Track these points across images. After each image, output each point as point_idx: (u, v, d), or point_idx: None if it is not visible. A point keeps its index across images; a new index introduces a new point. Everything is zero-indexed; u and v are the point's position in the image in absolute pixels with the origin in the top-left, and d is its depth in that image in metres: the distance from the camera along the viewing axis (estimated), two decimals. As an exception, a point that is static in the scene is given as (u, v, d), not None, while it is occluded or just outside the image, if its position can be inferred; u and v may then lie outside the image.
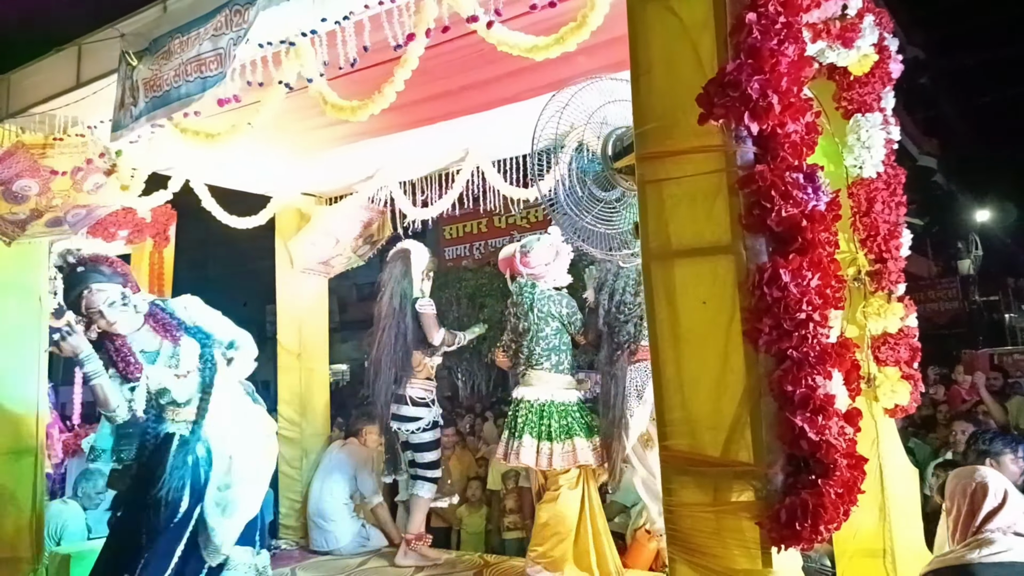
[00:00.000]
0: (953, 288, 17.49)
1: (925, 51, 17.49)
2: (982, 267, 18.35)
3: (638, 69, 2.24)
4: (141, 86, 3.22)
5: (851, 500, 1.93)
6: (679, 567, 2.07)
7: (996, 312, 19.50)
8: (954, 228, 18.86)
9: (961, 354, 10.26)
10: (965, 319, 17.27)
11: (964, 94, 19.53)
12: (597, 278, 3.85)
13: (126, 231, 6.06)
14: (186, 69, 3.05)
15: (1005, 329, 19.19)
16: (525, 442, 3.88)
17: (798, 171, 2.01)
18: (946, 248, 19.01)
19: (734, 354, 2.01)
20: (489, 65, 3.95)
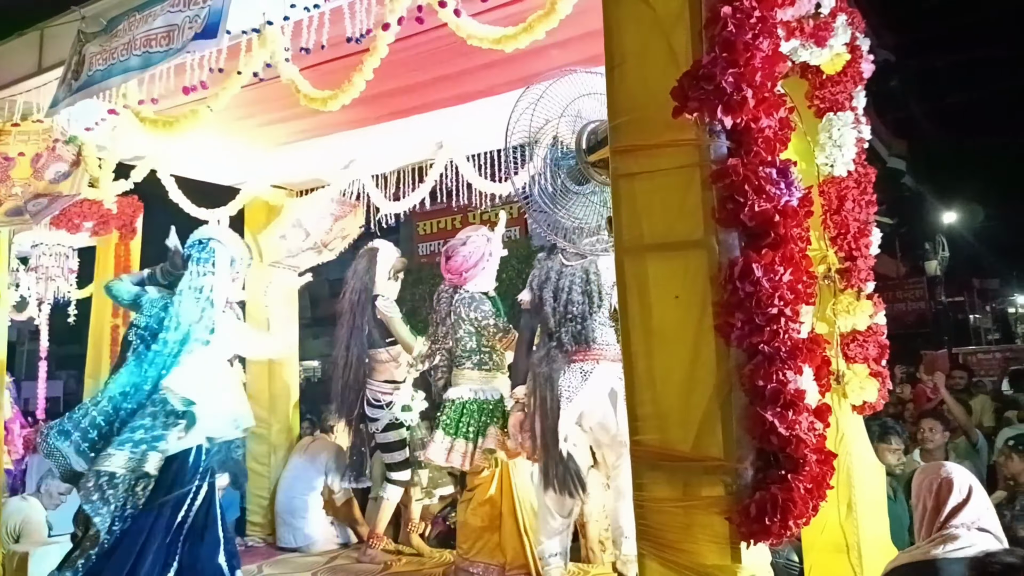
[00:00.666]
0: (920, 288, 17.81)
1: (895, 54, 17.75)
2: (949, 268, 18.69)
3: (612, 61, 2.22)
4: (86, 60, 3.12)
5: (820, 495, 1.93)
6: (648, 563, 2.06)
7: (961, 312, 19.91)
8: (922, 229, 19.20)
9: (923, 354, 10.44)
10: (931, 319, 17.59)
11: (933, 97, 19.88)
12: (537, 277, 3.74)
13: (91, 223, 5.93)
14: (134, 44, 2.94)
15: (970, 329, 19.61)
16: (436, 438, 3.91)
17: (771, 166, 2.00)
18: (914, 249, 19.34)
19: (705, 349, 2.00)
20: (462, 57, 3.92)
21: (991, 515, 2.51)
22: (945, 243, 18.31)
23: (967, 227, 20.05)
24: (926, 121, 20.12)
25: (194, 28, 2.91)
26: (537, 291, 3.69)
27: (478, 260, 4.08)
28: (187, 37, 2.84)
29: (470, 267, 4.08)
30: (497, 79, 4.22)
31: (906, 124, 19.64)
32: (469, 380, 4.00)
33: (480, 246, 4.11)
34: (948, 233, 19.16)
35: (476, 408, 3.92)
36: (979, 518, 2.46)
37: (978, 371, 9.32)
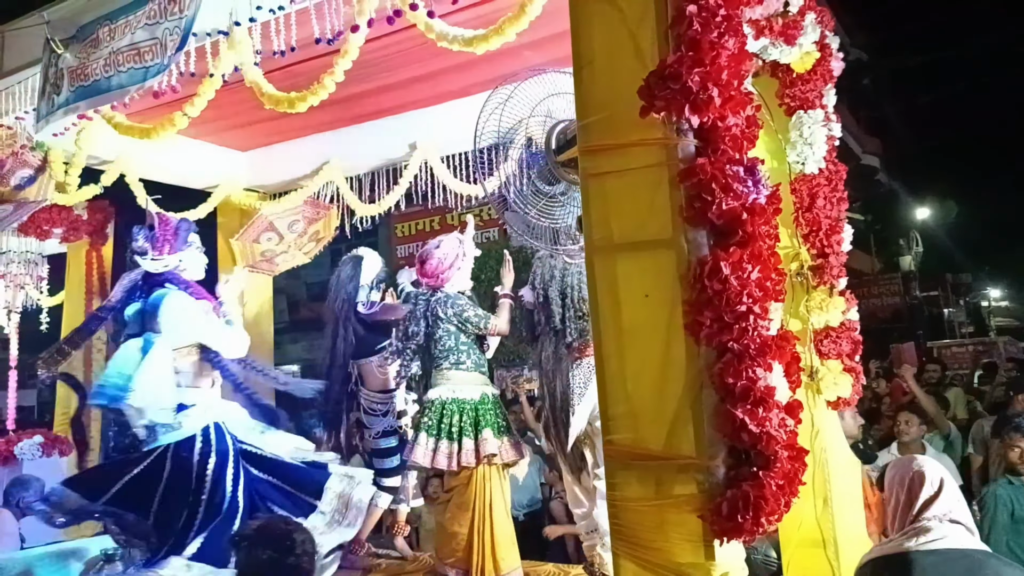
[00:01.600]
0: (895, 284, 18.02)
1: (868, 52, 17.96)
2: (922, 263, 18.94)
3: (580, 61, 2.22)
4: (66, 74, 3.08)
5: (792, 492, 1.94)
6: (623, 562, 2.06)
7: (935, 307, 20.15)
8: (896, 225, 19.43)
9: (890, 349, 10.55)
10: (906, 314, 17.79)
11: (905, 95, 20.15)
12: (540, 276, 3.80)
13: (60, 229, 5.83)
14: (118, 59, 2.92)
15: (944, 323, 19.85)
16: (420, 440, 3.87)
17: (739, 164, 2.01)
18: (888, 245, 19.58)
19: (676, 347, 2.00)
20: (436, 58, 3.90)
21: (962, 507, 2.53)
22: (919, 239, 18.56)
23: (940, 223, 20.34)
24: (899, 119, 20.39)
25: (175, 42, 2.88)
26: (541, 289, 3.76)
27: (452, 262, 4.08)
28: (171, 52, 2.82)
29: (445, 269, 4.07)
30: (471, 80, 4.21)
31: (879, 122, 19.88)
32: (448, 380, 3.98)
33: (453, 248, 4.11)
34: (922, 229, 19.43)
35: (456, 408, 3.90)
36: (951, 510, 2.48)
37: (952, 364, 9.43)
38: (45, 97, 3.17)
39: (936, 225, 20.16)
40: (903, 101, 20.19)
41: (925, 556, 2.30)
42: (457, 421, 3.86)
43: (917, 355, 9.49)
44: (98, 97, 3.02)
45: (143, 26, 2.93)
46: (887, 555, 2.45)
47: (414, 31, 3.22)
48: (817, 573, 3.31)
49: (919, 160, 20.80)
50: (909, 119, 20.41)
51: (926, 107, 20.15)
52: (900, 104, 20.18)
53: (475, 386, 4.01)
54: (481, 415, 3.91)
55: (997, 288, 25.55)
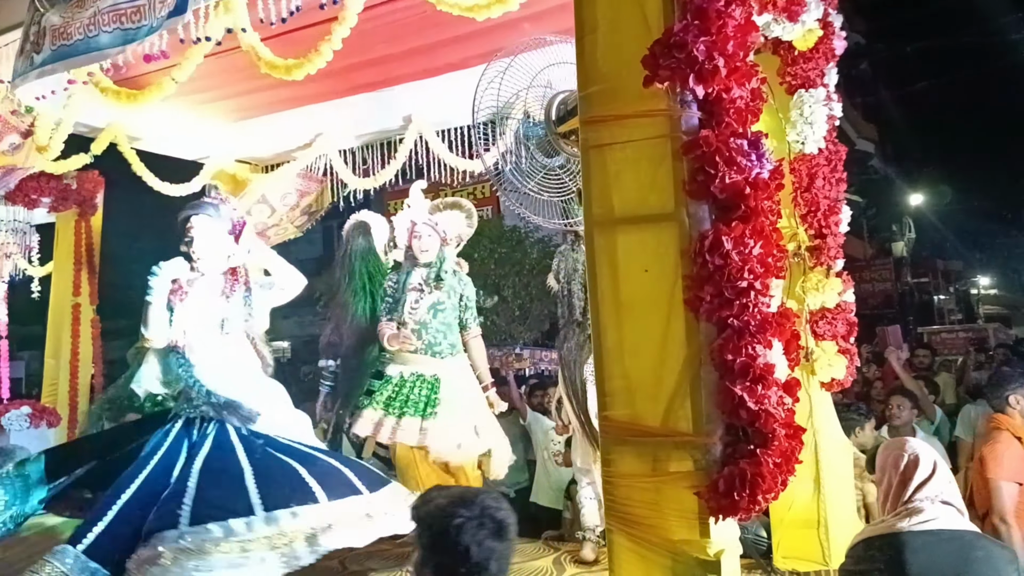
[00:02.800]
0: (887, 269, 18.07)
1: (865, 38, 17.89)
2: (914, 250, 19.00)
3: (583, 29, 2.17)
4: (48, 32, 2.98)
5: (789, 470, 1.93)
6: (616, 538, 2.04)
7: (926, 293, 20.25)
8: (889, 211, 19.46)
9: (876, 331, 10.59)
10: (897, 300, 17.87)
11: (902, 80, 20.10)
12: (564, 269, 3.79)
13: (49, 198, 5.75)
14: (103, 19, 2.83)
15: (934, 309, 19.96)
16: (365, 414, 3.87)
17: (743, 137, 1.97)
18: (881, 230, 19.62)
19: (675, 323, 1.98)
20: (433, 28, 3.83)
21: (953, 489, 2.54)
22: (912, 225, 18.60)
23: (933, 209, 20.38)
24: (895, 104, 20.36)
25: (165, 3, 2.79)
26: (564, 282, 3.77)
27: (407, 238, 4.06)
28: (160, 13, 2.73)
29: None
30: (469, 51, 4.14)
31: (875, 107, 19.86)
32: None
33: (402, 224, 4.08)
34: (915, 215, 19.47)
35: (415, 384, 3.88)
36: (942, 491, 2.49)
37: (942, 350, 9.46)
38: (23, 55, 3.08)
39: (929, 212, 20.21)
40: (899, 87, 20.17)
41: (917, 536, 2.31)
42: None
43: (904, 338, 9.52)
44: (79, 57, 2.92)
45: (130, -14, 2.85)
46: (879, 535, 2.46)
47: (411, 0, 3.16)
48: (808, 553, 3.33)
49: (914, 146, 20.82)
50: (905, 105, 20.39)
51: (922, 93, 20.11)
52: (896, 90, 20.16)
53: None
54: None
55: (987, 276, 25.67)
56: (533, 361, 8.68)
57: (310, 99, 4.91)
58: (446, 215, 4.09)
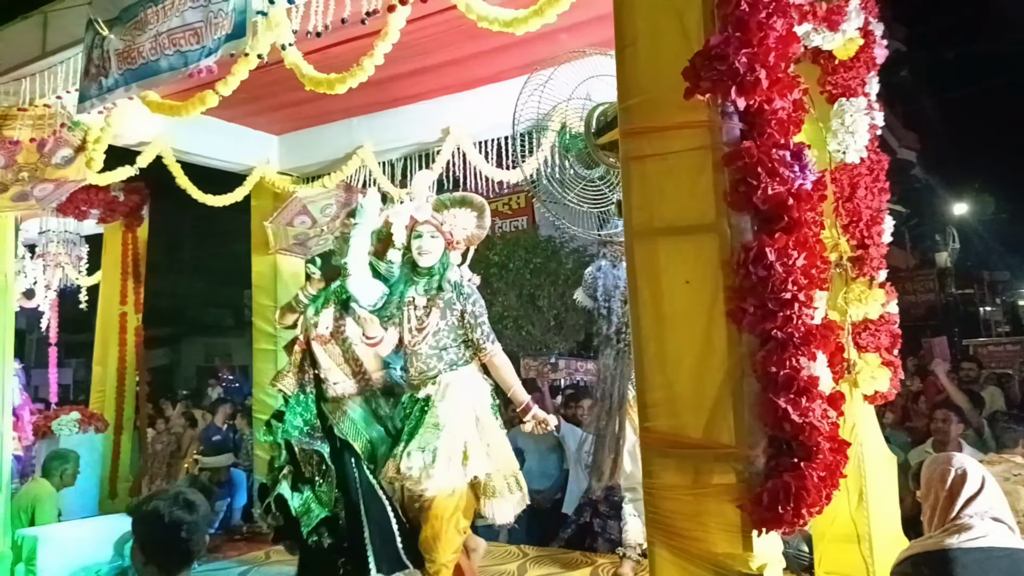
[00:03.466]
0: (930, 280, 17.70)
1: (906, 44, 17.60)
2: (959, 260, 18.57)
3: (623, 41, 2.18)
4: (113, 56, 3.09)
5: (833, 484, 1.90)
6: (658, 550, 2.03)
7: (971, 305, 19.77)
8: (932, 221, 19.08)
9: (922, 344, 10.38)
10: (941, 311, 17.48)
11: (944, 88, 19.74)
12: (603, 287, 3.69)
13: (98, 210, 5.93)
14: (164, 41, 2.92)
15: (980, 321, 19.46)
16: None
17: (785, 148, 1.96)
18: (924, 240, 19.23)
19: (717, 334, 1.97)
20: (471, 41, 3.88)
21: (1003, 505, 2.48)
22: (956, 235, 18.19)
23: (978, 219, 19.91)
24: (937, 112, 19.97)
25: (221, 26, 2.88)
26: (604, 300, 3.68)
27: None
28: (217, 35, 2.82)
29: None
30: (506, 64, 4.18)
31: (917, 115, 19.50)
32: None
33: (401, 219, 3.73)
34: (959, 225, 19.04)
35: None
36: (991, 507, 2.43)
37: (988, 363, 9.23)
38: (90, 78, 3.19)
39: (974, 221, 19.74)
40: (941, 94, 19.79)
41: (967, 553, 2.26)
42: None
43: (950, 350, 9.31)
44: (147, 80, 3.02)
45: (188, 8, 2.93)
46: (927, 551, 2.41)
47: (450, 14, 3.20)
48: (850, 569, 3.27)
49: (957, 154, 20.38)
50: (947, 113, 20.00)
51: (965, 101, 19.73)
52: (938, 97, 19.78)
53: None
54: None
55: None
56: (568, 371, 8.66)
57: (350, 112, 5.01)
58: (453, 213, 3.42)
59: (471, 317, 3.29)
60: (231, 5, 2.78)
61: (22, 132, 3.50)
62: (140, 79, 3.03)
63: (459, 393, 3.22)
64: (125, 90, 3.07)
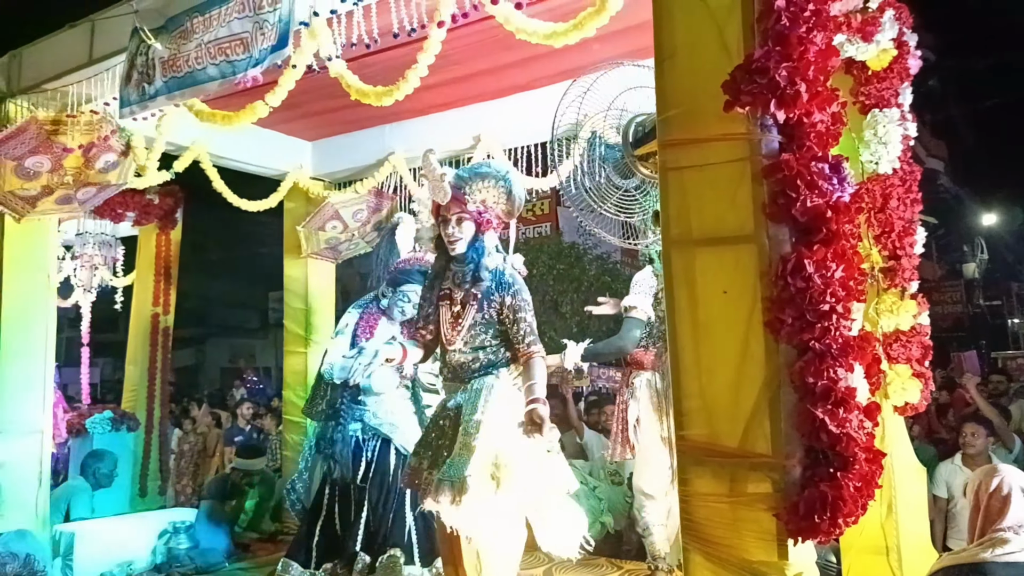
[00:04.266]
0: (957, 291, 17.48)
1: (934, 53, 17.42)
2: (987, 271, 18.32)
3: (662, 54, 2.22)
4: (157, 64, 3.18)
5: (869, 494, 1.92)
6: (693, 556, 2.06)
7: (999, 317, 19.47)
8: (959, 231, 18.84)
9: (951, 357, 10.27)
10: (968, 323, 17.25)
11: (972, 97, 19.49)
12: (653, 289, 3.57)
13: (133, 212, 6.05)
14: (210, 50, 3.00)
15: (1008, 333, 19.16)
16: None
17: (823, 161, 1.98)
18: (951, 251, 18.99)
19: (754, 344, 1.99)
20: (505, 51, 3.92)
21: None
22: (984, 245, 17.96)
23: (1006, 230, 19.63)
24: (965, 122, 19.74)
25: (267, 36, 2.95)
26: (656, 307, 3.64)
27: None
28: (262, 46, 2.89)
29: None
30: (538, 73, 4.22)
31: (944, 125, 19.28)
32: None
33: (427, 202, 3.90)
34: (987, 236, 18.79)
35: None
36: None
37: (1018, 376, 9.10)
38: (132, 84, 3.28)
39: (1002, 232, 19.47)
40: (970, 104, 19.54)
41: (1002, 568, 2.26)
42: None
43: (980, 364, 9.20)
44: (191, 88, 3.10)
45: (235, 19, 3.01)
46: (959, 564, 2.41)
47: (485, 24, 3.24)
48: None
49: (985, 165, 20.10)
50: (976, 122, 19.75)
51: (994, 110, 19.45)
52: (967, 107, 19.54)
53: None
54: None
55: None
56: (592, 378, 8.64)
57: (382, 119, 5.06)
58: (477, 188, 2.89)
59: (510, 311, 2.84)
60: (276, 16, 2.85)
61: (71, 138, 3.60)
62: (185, 87, 3.10)
63: (496, 403, 2.76)
64: (168, 98, 3.15)
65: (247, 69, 2.90)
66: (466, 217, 2.84)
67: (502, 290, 2.85)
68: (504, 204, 2.89)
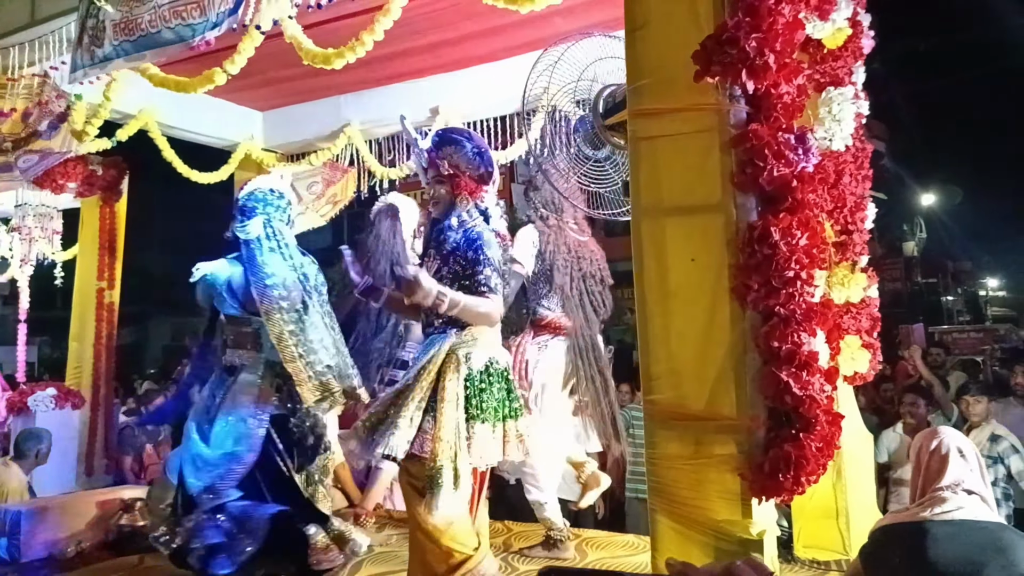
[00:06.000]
0: (897, 269, 18.05)
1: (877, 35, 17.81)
2: (925, 249, 18.98)
3: (633, 24, 2.23)
4: (108, 27, 3.05)
5: (829, 454, 1.99)
6: (660, 517, 2.11)
7: (935, 293, 20.23)
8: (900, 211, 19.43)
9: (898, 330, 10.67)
10: (907, 299, 17.86)
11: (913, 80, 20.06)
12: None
13: (75, 184, 5.81)
14: (164, 14, 2.89)
15: (943, 310, 19.94)
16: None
17: (789, 132, 2.03)
18: (891, 230, 19.59)
19: (720, 310, 2.03)
20: (466, 21, 3.89)
21: (976, 477, 2.55)
22: (923, 224, 18.58)
23: (944, 209, 20.36)
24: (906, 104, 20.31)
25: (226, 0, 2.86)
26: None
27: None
28: (220, 9, 2.80)
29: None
30: (499, 45, 4.20)
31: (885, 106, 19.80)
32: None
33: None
34: (926, 215, 19.45)
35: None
36: (963, 480, 2.50)
37: (953, 349, 9.51)
38: (83, 48, 3.14)
39: (940, 211, 20.19)
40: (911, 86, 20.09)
41: (940, 526, 2.32)
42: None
43: (925, 338, 9.58)
44: (144, 53, 2.99)
45: (187, -19, 2.91)
46: (901, 523, 2.49)
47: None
48: (828, 543, 3.38)
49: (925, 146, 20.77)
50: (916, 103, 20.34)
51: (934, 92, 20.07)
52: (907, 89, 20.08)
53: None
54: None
55: (995, 278, 25.64)
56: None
57: (337, 89, 4.98)
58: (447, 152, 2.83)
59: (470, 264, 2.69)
60: None
61: (14, 102, 3.44)
62: (140, 50, 2.99)
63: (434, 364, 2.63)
64: (126, 60, 3.03)
65: (205, 32, 2.80)
66: (441, 179, 2.80)
67: (467, 245, 2.71)
68: (476, 168, 2.80)
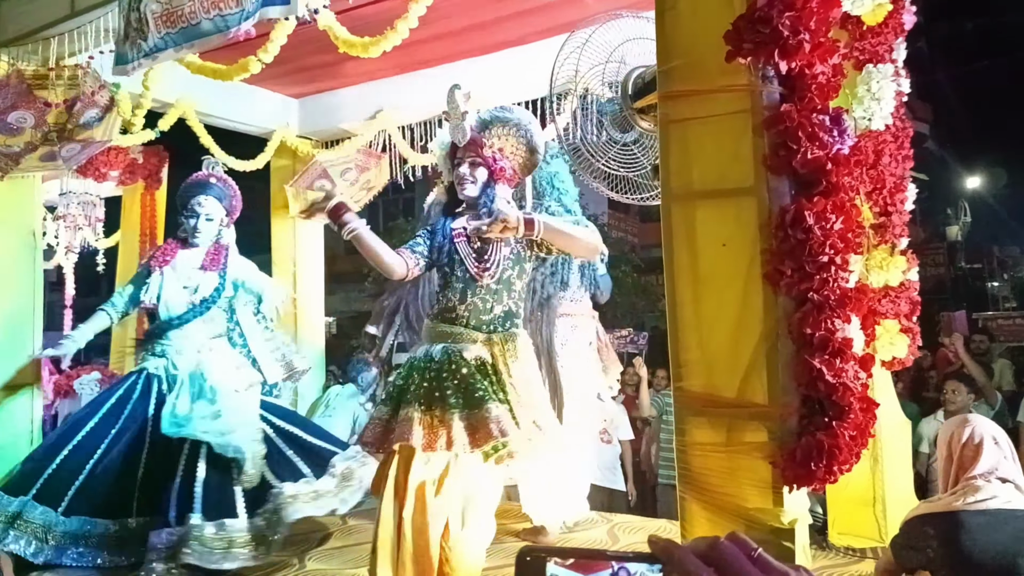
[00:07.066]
0: (940, 254, 17.60)
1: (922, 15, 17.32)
2: (969, 234, 18.48)
3: (663, 5, 2.19)
4: (151, 19, 3.08)
5: (863, 443, 1.95)
6: (690, 505, 2.10)
7: (979, 279, 19.71)
8: (944, 194, 18.92)
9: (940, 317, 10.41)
10: (950, 285, 17.43)
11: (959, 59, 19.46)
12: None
13: (117, 171, 5.93)
14: (204, 5, 2.92)
15: (988, 296, 19.41)
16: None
17: (824, 113, 1.98)
18: (935, 214, 19.10)
19: (753, 296, 2.00)
20: (494, 5, 3.87)
21: (1010, 464, 2.49)
22: (967, 208, 18.07)
23: (989, 193, 19.76)
24: (951, 84, 19.72)
25: None
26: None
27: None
28: None
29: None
30: (530, 28, 4.17)
31: (930, 87, 19.26)
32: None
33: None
34: (970, 199, 18.91)
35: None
36: (996, 467, 2.44)
37: (998, 336, 9.25)
38: (129, 41, 3.18)
39: (985, 195, 19.60)
40: (957, 65, 19.51)
41: (973, 516, 2.28)
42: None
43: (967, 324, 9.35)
44: (193, 43, 3.01)
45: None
46: (933, 512, 2.44)
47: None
48: (863, 530, 3.34)
49: (970, 128, 20.16)
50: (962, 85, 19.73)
51: (980, 72, 19.45)
52: (954, 69, 19.50)
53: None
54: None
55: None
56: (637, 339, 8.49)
57: (370, 76, 4.99)
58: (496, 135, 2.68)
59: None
60: None
61: (55, 93, 3.51)
62: (182, 43, 3.01)
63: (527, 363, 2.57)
64: (175, 50, 3.06)
65: (240, 23, 2.82)
66: (480, 162, 2.61)
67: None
68: (522, 156, 2.65)
